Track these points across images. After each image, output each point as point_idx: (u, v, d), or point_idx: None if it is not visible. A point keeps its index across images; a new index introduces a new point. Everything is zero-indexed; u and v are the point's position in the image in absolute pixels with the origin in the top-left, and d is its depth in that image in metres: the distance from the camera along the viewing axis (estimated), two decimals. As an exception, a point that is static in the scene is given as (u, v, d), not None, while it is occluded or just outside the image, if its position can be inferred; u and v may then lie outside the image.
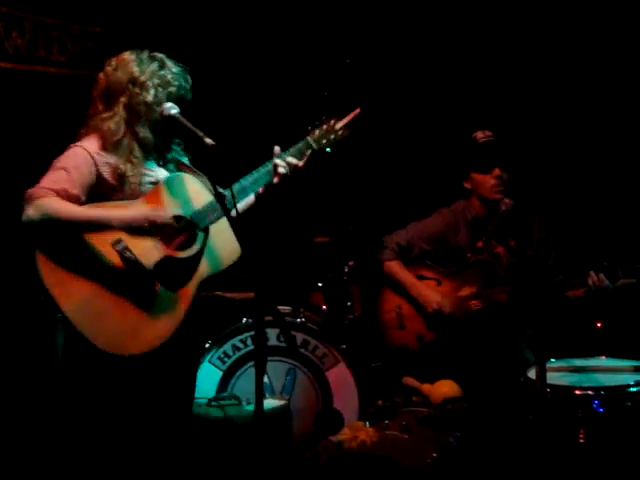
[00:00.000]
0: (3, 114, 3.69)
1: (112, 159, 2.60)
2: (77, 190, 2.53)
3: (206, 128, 2.51)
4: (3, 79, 3.70)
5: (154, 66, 2.65)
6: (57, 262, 2.50)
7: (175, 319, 2.57)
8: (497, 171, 3.54)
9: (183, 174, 2.68)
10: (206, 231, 2.64)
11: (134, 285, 2.53)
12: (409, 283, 3.65)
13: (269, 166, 2.71)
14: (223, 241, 2.65)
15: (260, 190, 2.74)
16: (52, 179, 2.53)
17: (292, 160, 2.71)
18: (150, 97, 2.61)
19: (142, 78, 2.62)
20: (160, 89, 2.63)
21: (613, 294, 3.16)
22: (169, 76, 2.65)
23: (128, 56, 2.68)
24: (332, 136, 2.76)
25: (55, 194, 2.49)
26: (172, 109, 2.61)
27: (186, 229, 2.62)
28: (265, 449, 2.95)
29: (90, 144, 2.61)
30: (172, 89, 2.64)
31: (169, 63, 2.68)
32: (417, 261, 3.69)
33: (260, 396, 2.33)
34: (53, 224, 2.48)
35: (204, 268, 2.64)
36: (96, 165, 2.58)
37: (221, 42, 4.34)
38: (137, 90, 2.61)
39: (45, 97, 3.78)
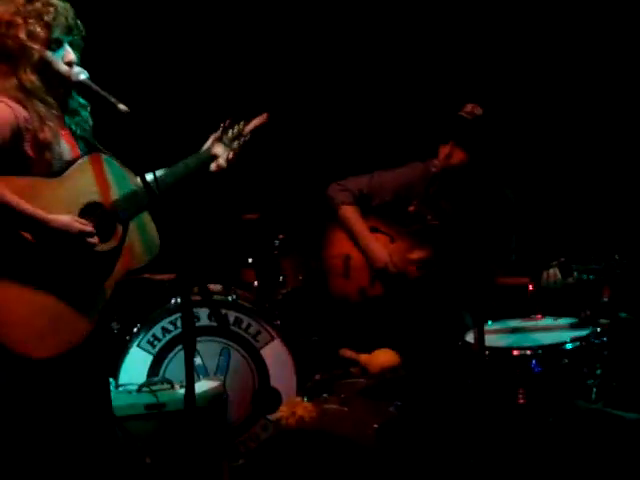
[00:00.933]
0: None
1: (30, 121, 2.31)
2: None
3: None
4: None
5: (19, 1, 2.37)
6: None
7: (88, 319, 2.37)
8: (448, 148, 3.44)
9: (100, 156, 2.46)
10: (126, 223, 2.45)
11: (53, 284, 2.32)
12: (361, 234, 3.54)
13: (200, 155, 2.63)
14: (143, 235, 2.49)
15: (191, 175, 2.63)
16: None
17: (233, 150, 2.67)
18: (22, 34, 2.35)
19: (6, 16, 2.35)
20: (32, 21, 2.36)
21: (560, 291, 3.14)
22: (39, 6, 2.37)
23: None
24: (242, 139, 2.72)
25: None
26: (80, 74, 2.40)
27: (105, 219, 2.43)
28: (200, 432, 2.85)
29: (6, 99, 2.31)
30: (47, 18, 2.37)
31: None
32: (374, 212, 3.59)
33: (190, 379, 2.23)
34: None
35: (123, 264, 2.45)
36: (19, 127, 2.30)
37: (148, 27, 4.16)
38: (4, 30, 2.34)
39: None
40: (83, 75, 2.40)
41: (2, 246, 2.26)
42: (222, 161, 2.66)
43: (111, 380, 3.26)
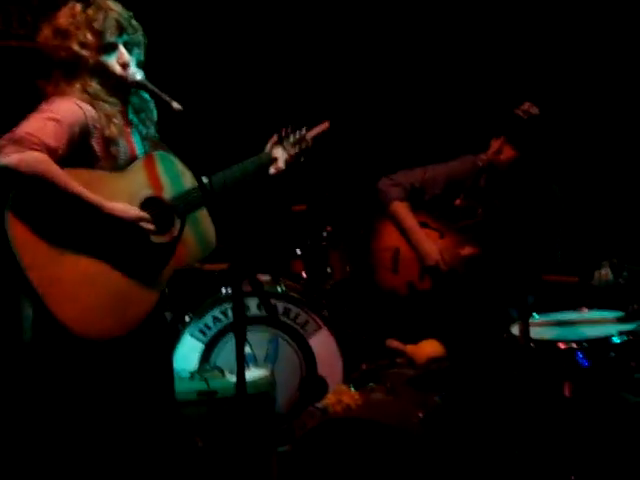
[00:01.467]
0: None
1: (97, 119, 2.43)
2: (64, 151, 2.34)
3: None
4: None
5: (77, 9, 2.47)
6: (31, 224, 2.31)
7: (145, 306, 2.47)
8: (499, 142, 3.45)
9: (161, 154, 2.56)
10: (183, 219, 2.54)
11: (111, 270, 2.41)
12: (412, 230, 3.54)
13: (260, 157, 2.70)
14: (198, 231, 2.57)
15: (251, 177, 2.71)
16: (45, 131, 2.31)
17: (293, 155, 2.74)
18: (74, 44, 2.44)
19: (63, 26, 2.45)
20: (82, 30, 2.44)
21: (611, 290, 3.12)
22: (91, 13, 2.46)
23: (57, 12, 2.50)
24: (303, 145, 2.78)
25: (47, 152, 2.30)
26: (136, 74, 2.50)
27: (164, 213, 2.52)
28: (250, 419, 2.93)
29: (77, 98, 2.42)
30: (97, 25, 2.45)
31: (98, 1, 2.48)
32: (425, 207, 3.59)
33: (242, 366, 2.30)
34: (41, 185, 2.29)
35: (178, 258, 2.54)
36: (87, 125, 2.41)
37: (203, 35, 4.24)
38: (59, 41, 2.44)
39: (6, 70, 3.68)
40: (139, 75, 2.49)
41: (67, 230, 2.36)
42: (281, 164, 2.73)
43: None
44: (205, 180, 2.48)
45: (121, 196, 2.45)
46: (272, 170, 2.74)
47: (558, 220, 3.53)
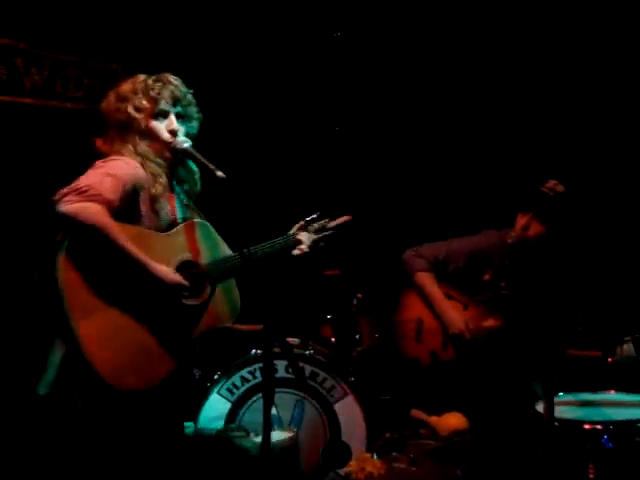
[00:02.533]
0: (22, 149, 3.77)
1: (146, 179, 2.59)
2: (117, 206, 2.48)
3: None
4: (21, 114, 3.79)
5: (139, 78, 2.67)
6: (81, 271, 2.43)
7: (168, 366, 2.56)
8: (526, 219, 3.52)
9: (200, 222, 2.72)
10: (214, 284, 2.66)
11: (147, 327, 2.53)
12: (437, 300, 3.61)
13: (288, 239, 2.88)
14: (228, 297, 2.70)
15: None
16: (104, 185, 2.45)
17: (314, 240, 2.92)
18: (130, 107, 2.62)
19: (123, 92, 2.65)
20: (140, 95, 2.63)
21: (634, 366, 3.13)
22: (150, 82, 2.65)
23: (122, 81, 2.72)
24: (325, 233, 2.97)
25: (106, 205, 2.43)
26: (184, 143, 2.65)
27: (197, 277, 2.64)
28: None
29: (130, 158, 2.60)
30: (153, 93, 2.63)
31: (160, 75, 2.68)
32: (448, 279, 3.66)
33: (268, 428, 2.34)
34: (95, 235, 2.41)
35: (207, 321, 2.66)
36: (139, 183, 2.56)
37: (235, 81, 4.44)
38: (119, 105, 2.63)
39: (62, 132, 3.87)
40: (186, 144, 2.65)
41: (109, 281, 2.48)
42: (305, 247, 2.89)
43: (191, 424, 3.43)
44: (245, 251, 2.59)
45: (160, 256, 2.56)
46: (296, 252, 2.90)
47: (580, 294, 3.56)
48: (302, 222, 2.96)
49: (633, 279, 4.05)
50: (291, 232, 2.93)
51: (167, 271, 2.54)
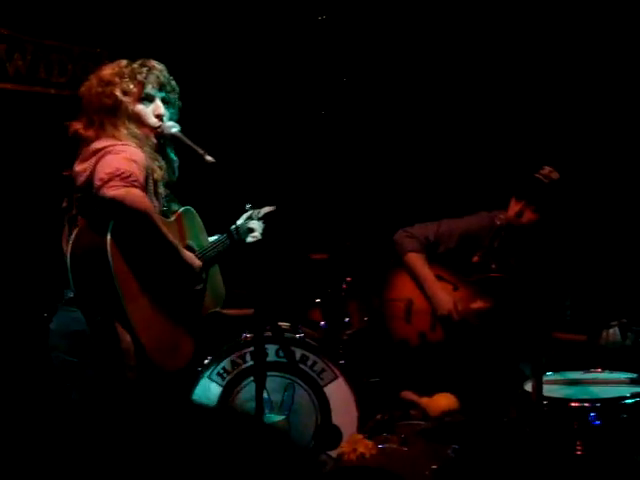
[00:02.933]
0: (4, 134, 3.74)
1: (148, 166, 2.60)
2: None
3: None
4: (4, 100, 3.76)
5: (122, 63, 2.66)
6: (124, 255, 2.46)
7: (191, 346, 2.67)
8: (520, 205, 3.53)
9: (192, 210, 2.78)
10: (207, 269, 2.73)
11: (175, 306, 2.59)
12: (427, 280, 3.63)
13: (243, 227, 2.88)
14: (215, 282, 2.79)
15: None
16: (135, 170, 2.46)
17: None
18: (117, 90, 2.60)
19: (107, 76, 2.63)
20: (126, 79, 2.62)
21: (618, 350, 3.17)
22: (135, 66, 2.65)
23: (102, 66, 2.70)
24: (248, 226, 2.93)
25: (144, 190, 2.49)
26: (172, 127, 2.65)
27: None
28: (265, 464, 2.97)
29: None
30: (140, 76, 2.63)
31: (139, 60, 2.68)
32: (439, 260, 3.67)
33: (260, 411, 2.37)
34: (139, 219, 2.45)
35: (206, 304, 2.76)
36: (148, 171, 2.59)
37: (220, 61, 4.42)
38: (102, 89, 2.61)
39: (45, 117, 3.84)
40: (175, 129, 2.65)
41: (146, 265, 2.52)
42: (258, 234, 2.89)
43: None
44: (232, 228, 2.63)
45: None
46: (250, 239, 2.89)
47: (570, 279, 3.59)
48: (247, 213, 2.95)
49: (621, 265, 4.09)
50: (239, 223, 2.92)
51: (192, 256, 2.62)
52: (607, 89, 4.18)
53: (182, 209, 2.75)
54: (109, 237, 2.42)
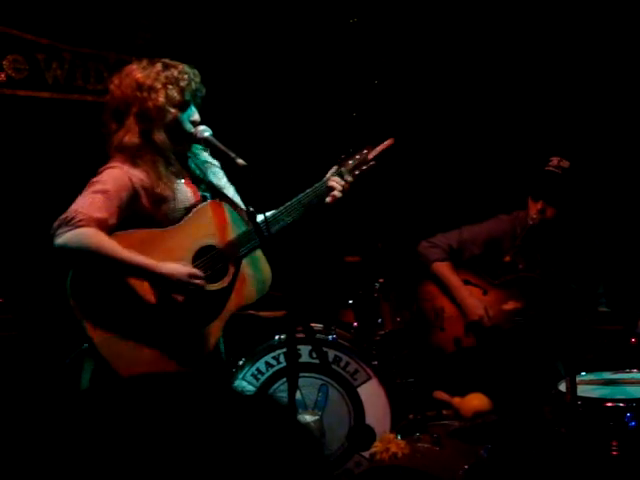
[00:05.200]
0: (44, 142, 3.83)
1: (144, 179, 2.56)
2: (115, 219, 2.49)
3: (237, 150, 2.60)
4: (43, 108, 3.85)
5: (158, 67, 2.60)
6: (89, 290, 2.49)
7: (200, 354, 2.60)
8: (540, 204, 3.53)
9: (217, 201, 2.68)
10: (238, 263, 2.63)
11: (167, 324, 2.55)
12: (456, 287, 3.64)
13: (316, 189, 2.69)
14: (255, 273, 2.67)
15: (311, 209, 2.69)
16: (93, 204, 2.46)
17: (347, 181, 2.69)
18: (162, 97, 2.55)
19: (148, 82, 2.57)
20: (170, 86, 2.56)
21: None
22: (175, 73, 2.59)
23: (129, 67, 2.64)
24: (364, 167, 2.73)
25: (96, 224, 2.44)
26: (205, 132, 2.66)
27: (218, 260, 2.63)
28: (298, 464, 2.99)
29: (122, 164, 2.56)
30: (182, 83, 2.58)
31: (172, 63, 2.63)
32: (465, 266, 3.69)
33: (293, 412, 2.38)
34: (91, 257, 2.44)
35: (234, 301, 2.65)
36: (134, 188, 2.55)
37: (253, 65, 4.46)
38: (145, 94, 2.55)
39: (83, 124, 3.92)
40: (207, 133, 2.65)
41: (124, 291, 2.52)
42: (337, 193, 2.68)
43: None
44: (261, 218, 2.54)
45: (176, 251, 2.57)
46: (328, 199, 2.68)
47: (598, 271, 3.56)
48: (334, 167, 2.72)
49: None
50: (323, 180, 2.71)
51: (175, 267, 2.53)
52: (606, 81, 4.16)
53: (199, 206, 2.64)
54: (69, 290, 2.47)
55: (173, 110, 2.59)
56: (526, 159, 3.96)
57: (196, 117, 2.66)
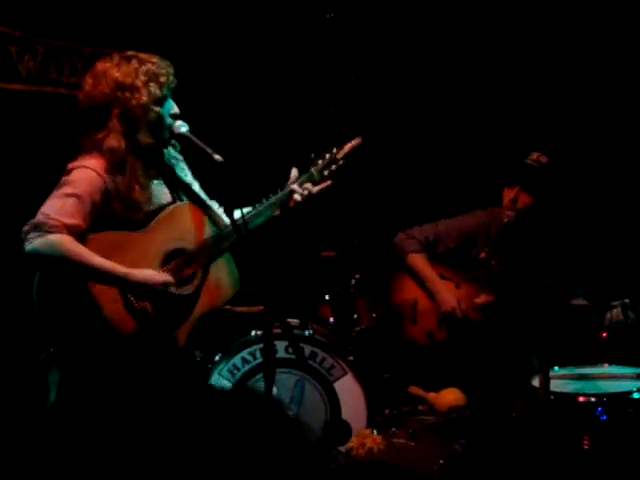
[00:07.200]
0: (16, 135, 3.78)
1: (120, 184, 2.49)
2: (87, 223, 2.45)
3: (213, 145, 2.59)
4: (16, 101, 3.80)
5: (134, 64, 2.50)
6: (56, 293, 2.45)
7: (169, 356, 2.60)
8: (515, 191, 3.57)
9: (189, 204, 2.65)
10: (207, 265, 2.62)
11: (135, 328, 2.54)
12: (430, 279, 3.67)
13: (284, 192, 2.70)
14: (222, 277, 2.66)
15: (277, 212, 2.72)
16: (64, 209, 2.41)
17: (308, 186, 2.72)
18: (144, 96, 2.47)
19: (128, 80, 2.47)
20: (151, 84, 2.48)
21: (623, 330, 3.19)
22: (153, 68, 2.51)
23: (102, 65, 2.53)
24: (333, 166, 2.74)
25: (67, 230, 2.39)
26: (182, 127, 2.62)
27: (187, 263, 2.61)
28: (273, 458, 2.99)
29: (98, 165, 2.49)
30: (162, 79, 2.51)
31: (145, 57, 2.54)
32: (439, 259, 3.72)
33: (269, 406, 2.38)
34: (62, 264, 2.40)
35: (204, 304, 2.64)
36: (108, 191, 2.49)
37: (228, 59, 4.44)
38: (128, 94, 2.47)
39: (56, 117, 3.87)
40: (184, 128, 2.59)
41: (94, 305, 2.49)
42: (298, 197, 2.70)
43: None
44: (237, 214, 2.53)
45: (145, 256, 2.55)
46: (290, 203, 2.70)
47: (575, 262, 3.62)
48: (294, 171, 2.72)
49: (622, 246, 4.10)
50: (287, 184, 2.72)
51: (150, 274, 2.51)
52: (587, 76, 4.21)
53: (171, 207, 2.61)
54: (35, 293, 2.43)
55: (157, 108, 2.53)
56: (503, 155, 4.00)
57: (176, 110, 2.61)
